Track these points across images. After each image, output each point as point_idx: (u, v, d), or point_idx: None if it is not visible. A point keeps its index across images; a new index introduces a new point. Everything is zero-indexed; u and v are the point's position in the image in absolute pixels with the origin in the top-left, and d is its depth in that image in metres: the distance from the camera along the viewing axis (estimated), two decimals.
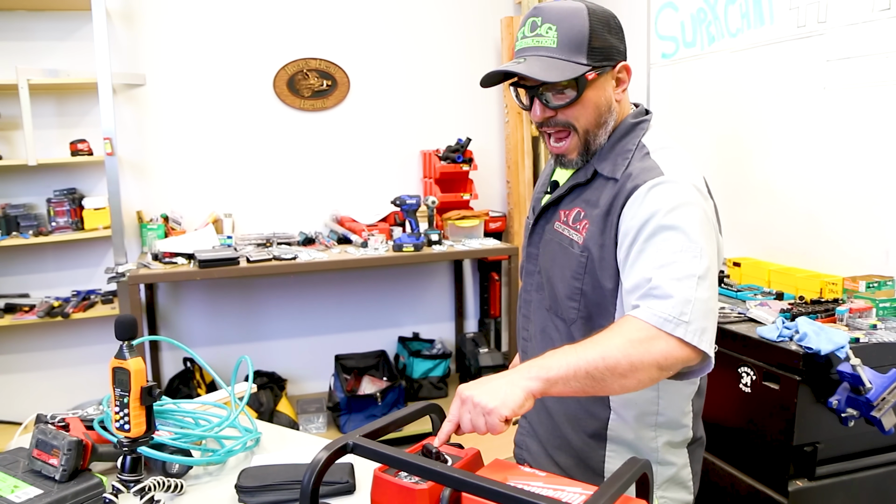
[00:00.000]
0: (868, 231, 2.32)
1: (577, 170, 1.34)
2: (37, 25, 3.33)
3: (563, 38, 1.21)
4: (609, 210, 1.23)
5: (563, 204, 1.35)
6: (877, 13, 2.21)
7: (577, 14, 1.22)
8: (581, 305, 1.29)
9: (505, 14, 3.96)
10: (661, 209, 1.15)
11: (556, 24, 1.22)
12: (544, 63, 1.21)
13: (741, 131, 2.83)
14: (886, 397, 1.76)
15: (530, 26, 1.25)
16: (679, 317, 1.06)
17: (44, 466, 1.23)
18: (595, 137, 1.29)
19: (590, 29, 1.22)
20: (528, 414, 1.44)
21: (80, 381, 3.52)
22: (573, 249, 1.29)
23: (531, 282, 1.43)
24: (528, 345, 1.44)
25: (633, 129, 1.31)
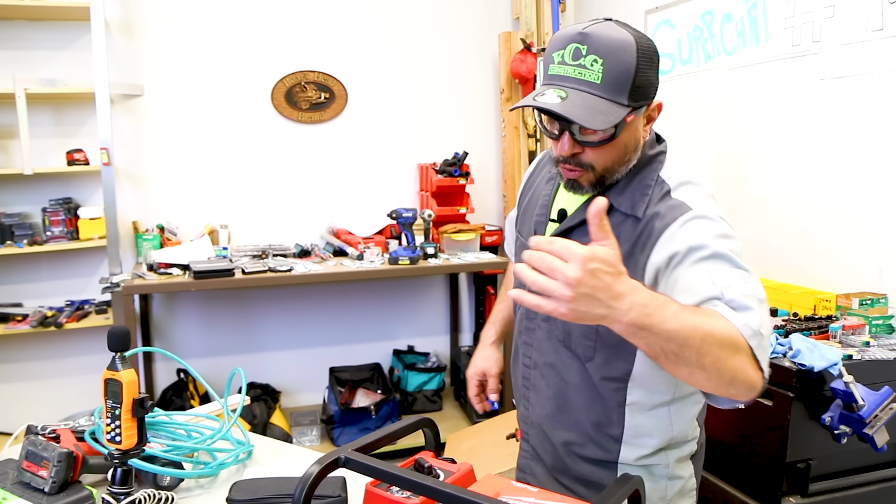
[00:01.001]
0: (862, 248, 2.33)
1: (589, 199, 1.25)
2: (35, 35, 3.34)
3: (608, 75, 1.12)
4: (632, 251, 1.18)
5: (574, 236, 1.24)
6: (870, 33, 2.23)
7: (625, 49, 1.12)
8: (596, 344, 1.25)
9: (503, 29, 3.98)
10: (701, 241, 1.10)
11: (604, 59, 1.11)
12: (587, 102, 1.12)
13: (736, 148, 2.84)
14: (879, 414, 1.76)
15: (572, 53, 1.13)
16: (759, 328, 1.00)
17: (33, 478, 1.22)
18: (613, 174, 1.23)
19: (636, 67, 1.13)
20: (531, 438, 1.43)
21: (73, 392, 3.50)
22: None
23: (534, 312, 1.28)
24: (531, 372, 1.40)
25: (651, 162, 1.26)
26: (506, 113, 3.93)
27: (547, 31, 3.79)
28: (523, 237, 1.43)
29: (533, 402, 1.41)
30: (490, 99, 4.08)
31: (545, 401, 1.37)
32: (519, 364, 1.46)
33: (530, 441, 1.44)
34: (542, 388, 1.37)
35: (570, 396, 1.33)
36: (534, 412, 1.41)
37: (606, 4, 3.76)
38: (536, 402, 1.40)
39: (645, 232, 1.17)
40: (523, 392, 1.44)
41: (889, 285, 2.23)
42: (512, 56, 3.78)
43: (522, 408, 1.46)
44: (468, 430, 3.44)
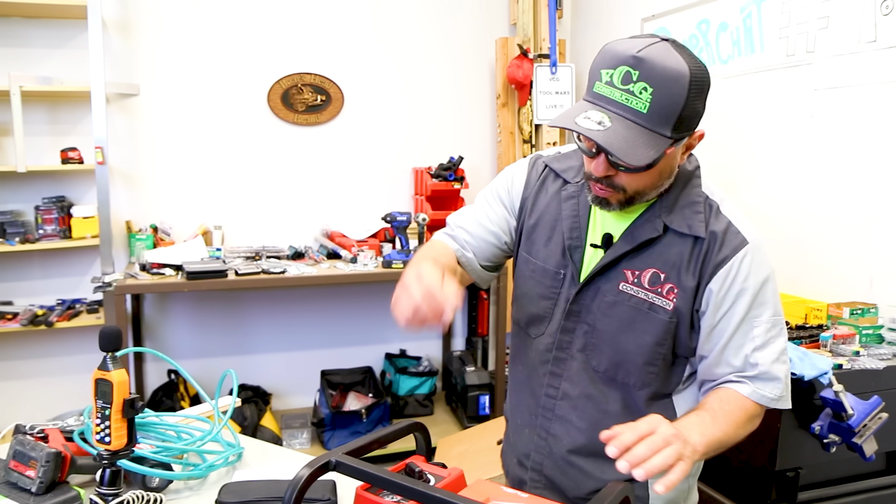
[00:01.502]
0: (853, 258, 2.34)
1: (636, 222, 1.25)
2: (32, 32, 3.33)
3: (655, 105, 1.08)
4: (699, 277, 1.22)
5: (624, 263, 1.24)
6: (863, 45, 2.25)
7: (678, 80, 1.08)
8: (660, 370, 1.26)
9: (500, 35, 3.99)
10: (752, 285, 1.21)
11: (654, 88, 1.07)
12: (629, 134, 1.09)
13: (730, 157, 2.85)
14: (868, 424, 1.77)
15: (622, 76, 1.09)
16: (782, 394, 1.24)
17: (20, 478, 1.21)
18: (643, 197, 1.22)
19: (686, 99, 1.10)
20: (547, 468, 1.36)
21: (62, 392, 3.48)
22: (658, 315, 1.23)
23: (567, 340, 1.31)
24: (556, 403, 1.34)
25: (692, 178, 1.27)
26: (502, 118, 3.94)
27: (544, 38, 3.81)
28: (538, 260, 1.35)
29: (558, 433, 1.34)
30: (486, 104, 4.09)
31: (576, 433, 1.32)
32: (535, 392, 1.38)
33: (544, 471, 1.37)
34: (573, 420, 1.32)
35: (608, 425, 1.24)
36: (557, 444, 1.35)
37: (604, 12, 3.77)
38: (563, 433, 1.34)
39: (708, 259, 1.21)
40: (542, 423, 1.36)
41: (879, 295, 2.24)
42: (508, 62, 3.79)
43: (538, 438, 1.37)
44: (459, 434, 3.44)
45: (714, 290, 1.21)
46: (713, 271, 1.20)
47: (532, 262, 1.36)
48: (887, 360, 1.96)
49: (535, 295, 1.35)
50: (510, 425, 1.51)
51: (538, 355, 1.36)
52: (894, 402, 1.85)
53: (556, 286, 1.32)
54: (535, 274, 1.35)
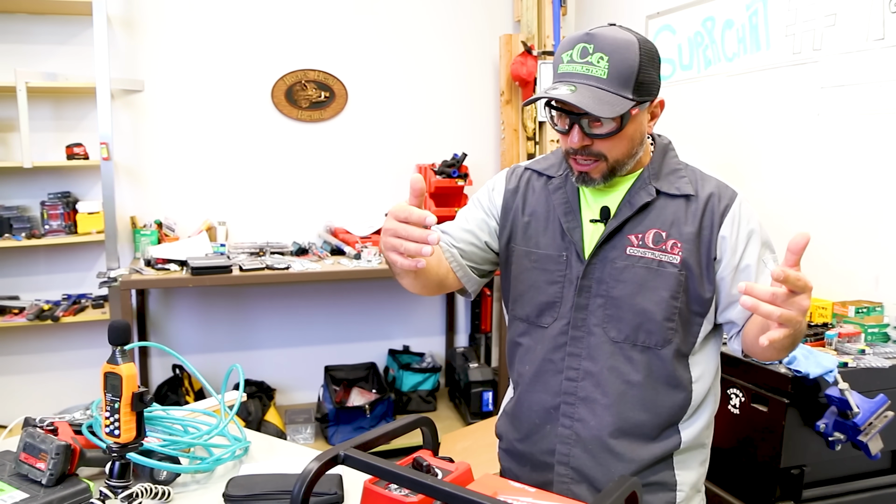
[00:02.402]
0: (859, 257, 2.34)
1: (630, 191, 1.34)
2: (37, 29, 3.33)
3: (613, 71, 1.21)
4: (700, 228, 1.31)
5: (627, 228, 1.33)
6: (871, 42, 2.24)
7: (629, 47, 1.22)
8: (678, 325, 1.31)
9: (504, 31, 3.99)
10: (756, 227, 1.33)
11: (609, 55, 1.21)
12: (595, 94, 1.21)
13: (736, 154, 2.85)
14: (873, 422, 1.77)
15: (580, 52, 1.23)
16: None
17: (31, 470, 1.22)
18: (622, 166, 1.31)
19: (639, 64, 1.22)
20: (575, 459, 1.35)
21: (68, 386, 3.50)
22: (668, 269, 1.30)
23: (582, 317, 1.35)
24: (578, 385, 1.35)
25: (668, 151, 1.40)
26: (506, 115, 3.94)
27: (548, 35, 3.80)
28: (539, 249, 1.40)
29: (584, 416, 1.34)
30: (490, 101, 4.09)
31: (602, 410, 1.33)
32: (550, 384, 1.38)
33: (572, 463, 1.36)
34: (598, 397, 1.33)
35: (633, 397, 1.32)
36: (584, 428, 1.34)
37: (608, 8, 3.77)
38: (589, 414, 1.34)
39: (708, 210, 1.32)
40: (565, 411, 1.36)
41: (885, 294, 2.24)
42: (512, 58, 3.79)
43: (563, 428, 1.36)
44: (463, 430, 3.44)
45: (726, 235, 1.31)
46: (720, 220, 1.31)
47: (534, 253, 1.41)
48: (893, 358, 1.97)
49: (542, 282, 1.39)
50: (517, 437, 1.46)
51: (552, 342, 1.38)
52: None
53: (562, 268, 1.37)
54: (538, 263, 1.40)
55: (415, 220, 1.11)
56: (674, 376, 1.33)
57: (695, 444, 1.39)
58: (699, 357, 1.36)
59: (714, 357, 1.40)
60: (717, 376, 1.42)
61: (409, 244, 1.11)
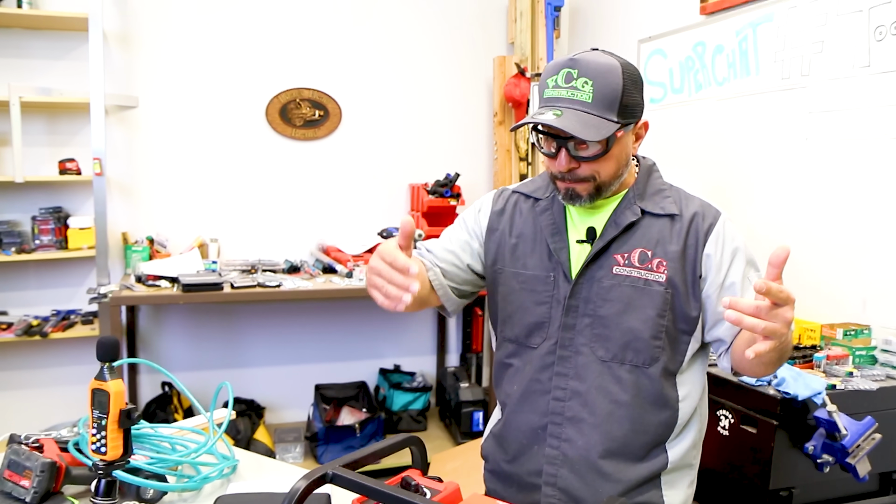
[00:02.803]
0: (846, 280, 2.36)
1: (615, 211, 1.36)
2: (32, 44, 3.34)
3: (597, 95, 1.24)
4: (685, 247, 1.33)
5: (613, 248, 1.35)
6: (857, 69, 2.28)
7: (612, 71, 1.25)
8: (665, 343, 1.32)
9: (497, 53, 4.02)
10: (740, 245, 1.35)
11: (593, 80, 1.24)
12: (580, 118, 1.23)
13: (725, 177, 2.88)
14: (861, 444, 1.78)
15: (565, 77, 1.26)
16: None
17: (14, 488, 1.21)
18: (608, 187, 1.34)
19: (623, 87, 1.25)
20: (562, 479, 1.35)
21: (55, 403, 3.46)
22: (654, 288, 1.32)
23: (569, 337, 1.36)
24: (565, 405, 1.35)
25: (652, 172, 1.43)
26: (498, 136, 3.97)
27: (541, 57, 3.84)
28: (527, 270, 1.41)
29: (571, 436, 1.34)
30: (483, 122, 4.12)
31: (590, 429, 1.33)
32: (537, 403, 1.38)
33: (559, 484, 1.35)
34: (585, 416, 1.33)
35: (620, 416, 1.33)
36: (572, 448, 1.34)
37: (600, 32, 3.81)
38: (577, 434, 1.34)
39: (693, 228, 1.34)
40: (552, 431, 1.36)
41: (872, 316, 2.26)
42: (506, 80, 3.82)
43: (550, 448, 1.36)
44: (453, 450, 3.43)
45: (710, 253, 1.33)
46: (704, 238, 1.33)
47: (521, 274, 1.42)
48: (880, 381, 1.98)
49: (530, 303, 1.40)
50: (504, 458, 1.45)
51: (540, 361, 1.39)
52: (887, 422, 1.86)
53: (549, 289, 1.38)
54: (525, 284, 1.41)
55: (399, 267, 1.13)
56: (661, 395, 1.33)
57: (682, 465, 1.39)
58: (686, 376, 1.37)
59: (701, 377, 1.41)
60: (703, 396, 1.43)
61: (391, 288, 1.14)
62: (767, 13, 2.63)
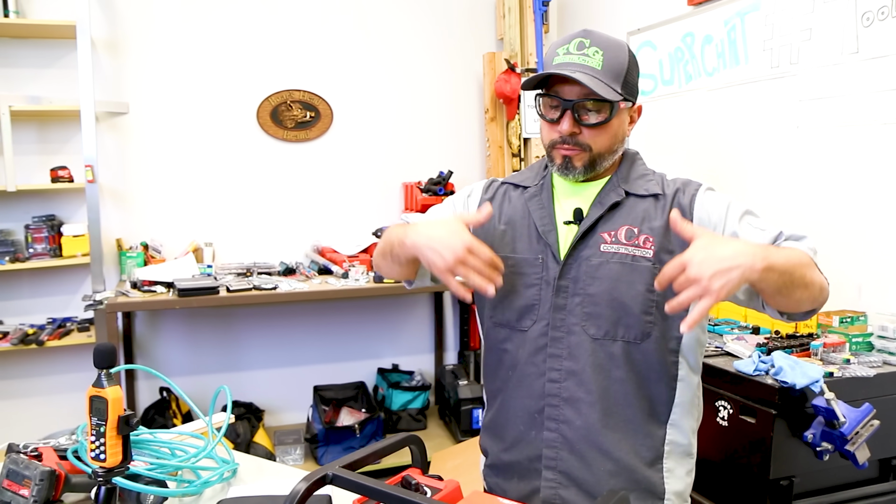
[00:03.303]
0: (841, 267, 2.36)
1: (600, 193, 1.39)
2: (21, 52, 3.33)
3: (607, 64, 1.30)
4: (667, 217, 1.33)
5: (599, 227, 1.37)
6: (846, 56, 2.28)
7: (621, 47, 1.33)
8: (657, 318, 1.32)
9: (487, 50, 4.02)
10: (729, 200, 1.35)
11: (604, 50, 1.30)
12: (592, 79, 1.28)
13: (717, 167, 2.88)
14: (860, 431, 1.78)
15: (577, 45, 1.31)
16: (815, 247, 1.31)
17: (14, 497, 1.21)
18: (602, 161, 1.37)
19: (628, 64, 1.33)
20: (562, 462, 1.35)
21: (53, 411, 3.46)
22: (642, 263, 1.33)
23: (561, 317, 1.36)
24: (561, 386, 1.35)
25: (636, 158, 1.46)
26: (490, 132, 3.96)
27: (531, 52, 3.84)
28: (516, 254, 1.42)
29: (569, 416, 1.34)
30: (475, 118, 4.12)
31: (587, 408, 1.33)
32: (532, 387, 1.38)
33: (560, 467, 1.35)
34: (582, 395, 1.33)
35: (616, 392, 1.33)
36: (570, 428, 1.34)
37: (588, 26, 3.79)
38: (574, 414, 1.34)
39: (675, 203, 1.36)
40: (549, 413, 1.36)
41: (868, 303, 2.26)
42: (496, 76, 3.82)
43: (548, 432, 1.36)
44: (453, 448, 3.43)
45: (702, 216, 1.34)
46: (690, 208, 1.35)
47: (510, 258, 1.42)
48: (877, 367, 1.98)
49: (520, 286, 1.40)
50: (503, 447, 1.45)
51: (532, 344, 1.39)
52: (885, 409, 1.86)
53: (538, 271, 1.39)
54: (515, 267, 1.41)
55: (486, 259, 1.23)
56: (655, 370, 1.34)
57: (681, 451, 1.39)
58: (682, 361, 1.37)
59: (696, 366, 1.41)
60: (699, 388, 1.43)
61: (475, 277, 1.22)
62: (754, 2, 2.64)
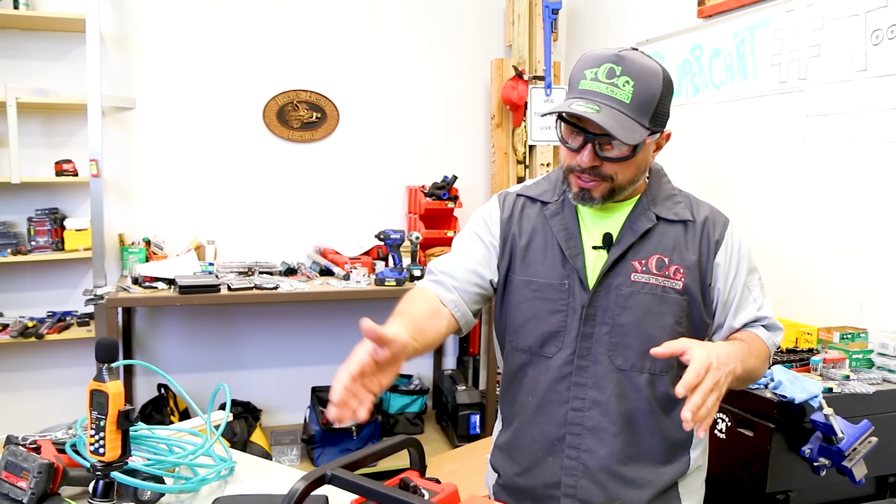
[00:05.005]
0: (843, 283, 2.36)
1: (630, 217, 1.34)
2: (29, 45, 3.34)
3: (637, 97, 1.21)
4: (699, 253, 1.34)
5: (630, 255, 1.32)
6: (854, 73, 2.29)
7: (654, 76, 1.23)
8: None
9: (495, 56, 4.03)
10: (745, 253, 1.38)
11: (636, 81, 1.21)
12: (617, 118, 1.19)
13: (722, 180, 2.88)
14: (858, 448, 1.78)
15: (606, 72, 1.22)
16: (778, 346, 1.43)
17: (11, 489, 1.20)
18: (622, 191, 1.31)
19: (661, 93, 1.24)
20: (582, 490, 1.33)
21: (51, 404, 3.45)
22: (672, 295, 1.31)
23: (587, 346, 1.33)
24: (584, 415, 1.33)
25: (662, 177, 1.42)
26: (496, 139, 3.97)
27: (539, 59, 3.85)
28: (539, 278, 1.36)
29: (591, 446, 1.33)
30: (480, 124, 4.12)
31: (611, 438, 1.32)
32: (554, 414, 1.35)
33: (578, 495, 1.34)
34: (605, 425, 1.32)
35: (640, 423, 1.32)
36: (592, 458, 1.33)
37: (597, 35, 3.82)
38: (597, 444, 1.33)
39: (704, 237, 1.35)
40: (571, 441, 1.34)
41: (869, 320, 2.26)
42: (503, 83, 3.83)
43: (568, 459, 1.34)
44: (450, 453, 3.43)
45: (721, 263, 1.34)
46: (715, 248, 1.34)
47: (534, 283, 1.36)
48: (877, 384, 1.98)
49: (544, 312, 1.35)
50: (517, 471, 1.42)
51: (555, 372, 1.35)
52: (884, 426, 1.86)
53: (564, 297, 1.34)
54: (538, 293, 1.36)
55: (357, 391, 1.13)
56: (677, 400, 1.30)
57: (695, 467, 1.40)
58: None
59: None
60: None
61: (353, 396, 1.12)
62: (764, 17, 2.64)
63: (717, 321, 1.38)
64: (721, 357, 1.14)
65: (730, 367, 1.15)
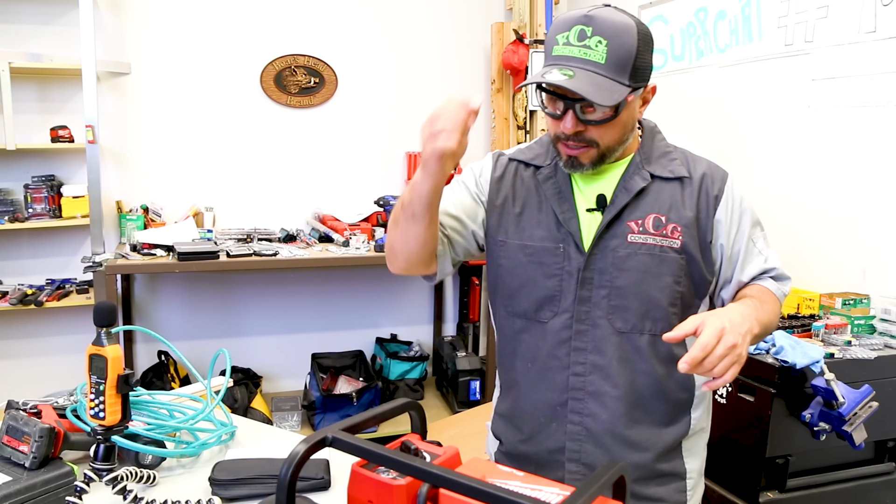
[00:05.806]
0: (846, 249, 2.35)
1: (624, 176, 1.31)
2: (21, 9, 3.28)
3: (611, 56, 1.18)
4: (698, 212, 1.31)
5: (625, 215, 1.30)
6: (862, 35, 2.25)
7: (627, 31, 1.19)
8: (679, 309, 1.31)
9: (496, 20, 3.97)
10: (747, 207, 1.36)
11: (608, 40, 1.17)
12: (593, 80, 1.17)
13: (726, 145, 2.86)
14: (858, 412, 1.78)
15: (577, 34, 1.18)
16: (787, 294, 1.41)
17: (13, 453, 1.20)
18: (612, 152, 1.29)
19: (637, 49, 1.20)
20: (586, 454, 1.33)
21: (51, 371, 3.46)
22: (670, 255, 1.29)
23: (585, 310, 1.31)
24: (586, 380, 1.32)
25: (655, 134, 1.39)
26: (496, 104, 3.92)
27: (540, 23, 3.79)
28: (534, 242, 1.35)
29: (594, 410, 1.32)
30: (481, 89, 4.07)
31: (613, 402, 1.31)
32: (555, 380, 1.34)
33: (583, 459, 1.33)
34: (607, 389, 1.31)
35: (643, 385, 1.32)
36: (596, 422, 1.32)
37: None
38: (599, 408, 1.32)
39: (703, 193, 1.32)
40: (573, 406, 1.33)
41: (872, 286, 2.25)
42: (504, 47, 3.77)
43: (571, 425, 1.34)
44: (449, 419, 3.45)
45: (721, 219, 1.32)
46: (715, 203, 1.32)
47: (528, 247, 1.35)
48: (878, 350, 1.98)
49: (539, 276, 1.34)
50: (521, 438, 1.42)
51: (554, 337, 1.34)
52: (884, 391, 1.87)
53: (559, 261, 1.32)
54: (533, 257, 1.34)
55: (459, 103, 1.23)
56: (676, 360, 1.32)
57: (698, 428, 1.40)
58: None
59: None
60: None
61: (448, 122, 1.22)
62: None
63: (723, 276, 1.36)
64: (735, 319, 1.12)
65: (746, 327, 1.13)
